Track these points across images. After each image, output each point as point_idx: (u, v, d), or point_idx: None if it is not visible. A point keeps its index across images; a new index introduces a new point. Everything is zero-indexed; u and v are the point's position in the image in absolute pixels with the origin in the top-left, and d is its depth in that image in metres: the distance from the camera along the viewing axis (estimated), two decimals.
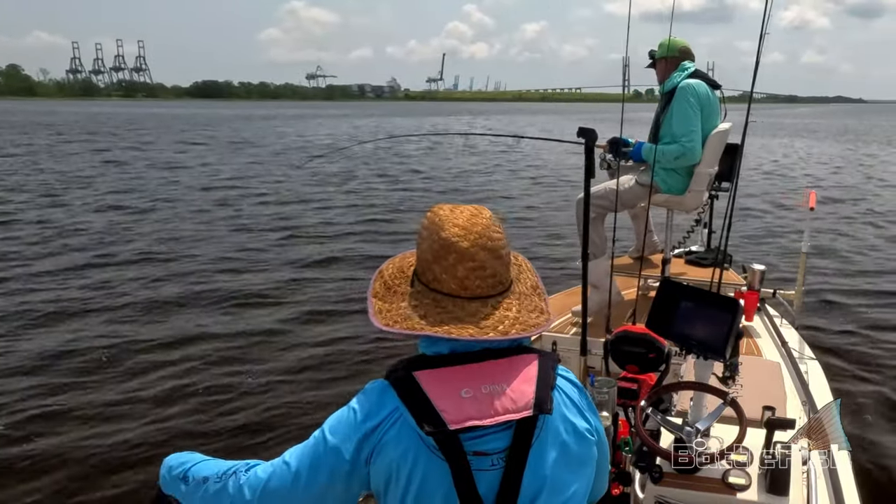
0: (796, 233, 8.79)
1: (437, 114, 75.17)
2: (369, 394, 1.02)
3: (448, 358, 1.01)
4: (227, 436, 3.73)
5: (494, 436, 0.97)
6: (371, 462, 0.98)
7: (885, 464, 3.41)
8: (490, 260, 1.03)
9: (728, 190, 3.23)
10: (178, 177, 15.50)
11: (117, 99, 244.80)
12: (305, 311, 5.93)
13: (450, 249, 1.02)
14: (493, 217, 1.07)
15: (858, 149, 26.15)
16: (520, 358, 1.02)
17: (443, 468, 0.95)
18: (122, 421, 3.87)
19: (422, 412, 0.94)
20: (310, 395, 4.25)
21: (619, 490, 1.76)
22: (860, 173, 17.61)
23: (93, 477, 3.32)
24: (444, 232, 1.03)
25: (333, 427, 1.02)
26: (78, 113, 64.72)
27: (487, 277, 1.03)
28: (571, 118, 58.07)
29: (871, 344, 5.14)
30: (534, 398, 0.97)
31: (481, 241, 1.02)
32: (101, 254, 7.93)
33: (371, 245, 8.65)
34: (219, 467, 1.10)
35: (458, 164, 19.36)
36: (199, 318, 5.67)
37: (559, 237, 9.00)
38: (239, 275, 7.11)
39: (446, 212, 1.06)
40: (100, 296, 6.25)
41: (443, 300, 1.03)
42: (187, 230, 9.39)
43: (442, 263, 1.03)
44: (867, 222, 10.48)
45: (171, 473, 1.16)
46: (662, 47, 3.42)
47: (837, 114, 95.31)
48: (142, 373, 4.53)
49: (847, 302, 6.21)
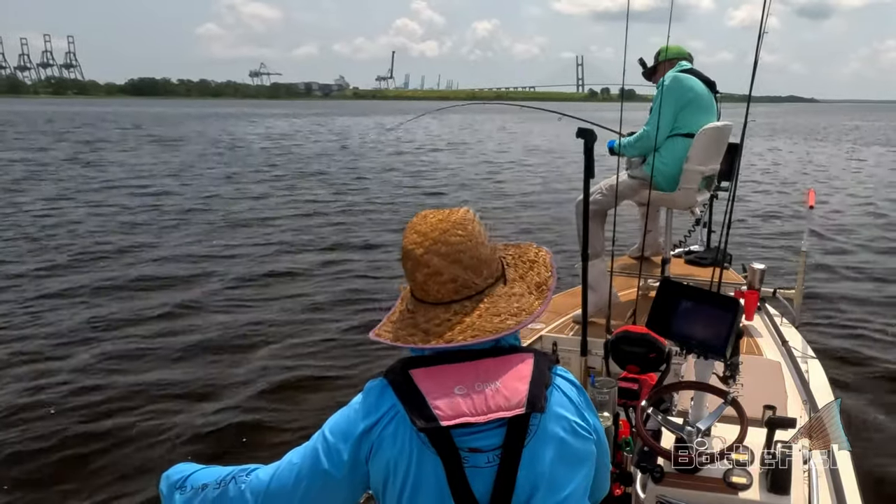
0: (796, 231, 8.80)
1: (400, 111, 72.96)
2: (367, 393, 1.04)
3: (438, 357, 1.02)
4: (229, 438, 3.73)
5: (488, 433, 0.98)
6: (370, 460, 0.99)
7: (887, 463, 3.41)
8: (445, 265, 1.03)
9: (727, 189, 3.23)
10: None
11: (46, 97, 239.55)
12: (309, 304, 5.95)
13: (407, 256, 1.06)
14: (460, 221, 1.06)
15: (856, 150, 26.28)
16: (515, 357, 1.03)
17: (437, 464, 0.96)
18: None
19: (416, 408, 0.95)
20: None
21: (620, 490, 1.76)
22: (860, 173, 17.65)
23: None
24: (405, 239, 1.07)
25: (333, 427, 1.03)
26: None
27: (446, 283, 1.04)
28: (532, 116, 56.36)
29: (872, 342, 5.14)
30: (527, 396, 0.98)
31: (435, 248, 1.03)
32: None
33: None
34: (217, 474, 1.10)
35: (455, 163, 19.43)
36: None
37: (559, 237, 9.00)
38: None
39: (418, 218, 1.09)
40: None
41: (416, 305, 1.08)
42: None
43: (405, 270, 1.07)
44: (868, 221, 10.49)
45: (168, 484, 1.14)
46: (662, 52, 3.52)
47: (795, 112, 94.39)
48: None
49: (848, 300, 6.21)
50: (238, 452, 3.57)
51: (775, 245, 8.60)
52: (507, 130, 39.65)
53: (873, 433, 3.73)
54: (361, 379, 3.29)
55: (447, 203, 11.66)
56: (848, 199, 12.69)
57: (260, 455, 3.45)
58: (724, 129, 3.36)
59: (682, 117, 3.30)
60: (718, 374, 1.76)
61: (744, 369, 2.18)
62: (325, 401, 4.14)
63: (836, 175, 17.06)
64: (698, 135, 3.23)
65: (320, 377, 4.55)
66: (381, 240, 8.92)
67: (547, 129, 36.35)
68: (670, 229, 3.63)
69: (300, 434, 3.58)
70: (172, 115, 61.67)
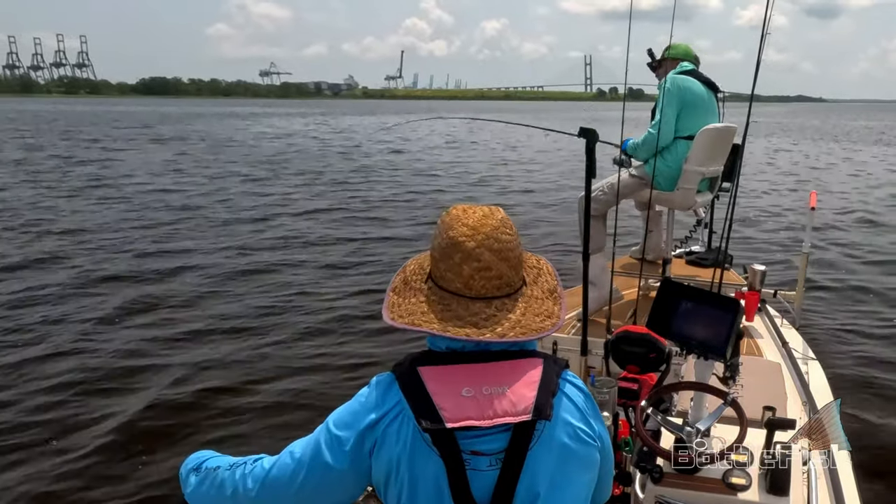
0: (798, 232, 8.80)
1: (405, 111, 73.74)
2: (374, 387, 1.04)
3: (451, 356, 1.01)
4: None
5: (492, 437, 0.97)
6: (373, 455, 0.99)
7: (887, 464, 3.40)
8: (496, 262, 1.03)
9: (729, 190, 3.23)
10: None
11: (58, 96, 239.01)
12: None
13: (456, 249, 1.03)
14: (505, 219, 1.07)
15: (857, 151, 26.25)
16: (525, 361, 1.02)
17: (438, 465, 0.96)
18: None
19: (421, 408, 0.95)
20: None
21: (619, 490, 1.76)
22: (859, 173, 17.62)
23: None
24: (452, 231, 1.04)
25: (338, 419, 1.03)
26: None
27: (493, 279, 1.03)
28: (539, 116, 57.24)
29: (872, 343, 5.14)
30: (534, 403, 0.97)
31: (488, 243, 1.03)
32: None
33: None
34: (229, 460, 1.14)
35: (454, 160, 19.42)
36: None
37: (559, 238, 8.99)
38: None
39: (458, 211, 1.06)
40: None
41: (448, 298, 1.04)
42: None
43: (448, 262, 1.04)
44: (869, 223, 10.47)
45: (186, 469, 1.19)
46: (667, 49, 3.53)
47: (803, 112, 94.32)
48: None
49: (848, 302, 6.21)
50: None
51: (776, 246, 8.59)
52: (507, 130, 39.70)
53: (873, 434, 3.72)
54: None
55: (447, 199, 11.68)
56: (850, 201, 12.65)
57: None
58: (726, 130, 3.36)
59: (682, 120, 3.31)
60: (718, 375, 1.76)
61: (744, 370, 2.18)
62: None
63: (837, 175, 17.03)
64: (698, 135, 3.24)
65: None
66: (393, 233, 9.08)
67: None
68: (671, 229, 3.63)
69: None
70: (190, 114, 61.86)
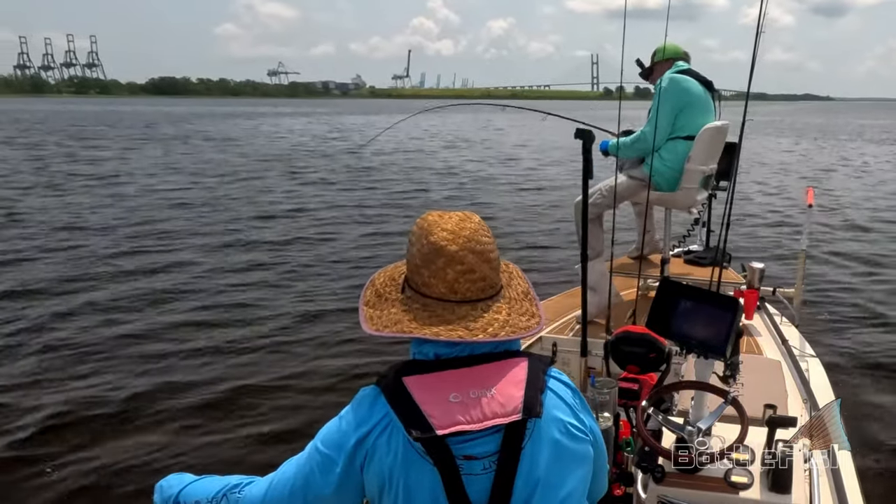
0: (796, 230, 8.80)
1: (409, 109, 74.00)
2: (360, 401, 1.03)
3: (435, 363, 1.01)
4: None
5: (483, 440, 0.97)
6: (364, 469, 0.98)
7: (887, 463, 3.40)
8: (479, 263, 1.03)
9: (726, 189, 3.24)
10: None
11: (68, 96, 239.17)
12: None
13: (439, 253, 1.02)
14: (481, 222, 1.08)
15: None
16: (509, 361, 1.02)
17: (433, 473, 0.95)
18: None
19: (410, 418, 0.94)
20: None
21: (621, 490, 1.76)
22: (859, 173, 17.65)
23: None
24: (432, 236, 1.03)
25: (325, 437, 1.02)
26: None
27: (477, 281, 1.04)
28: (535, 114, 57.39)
29: (873, 341, 5.14)
30: (522, 402, 0.97)
31: (469, 245, 1.03)
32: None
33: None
34: (211, 488, 1.10)
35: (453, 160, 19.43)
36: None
37: (558, 239, 9.00)
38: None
39: (435, 217, 1.07)
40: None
41: (432, 304, 1.04)
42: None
43: (431, 268, 1.03)
44: (868, 219, 10.49)
45: (161, 498, 1.15)
46: (659, 52, 3.49)
47: (809, 111, 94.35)
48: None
49: (848, 298, 6.21)
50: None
51: (774, 244, 8.60)
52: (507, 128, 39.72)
53: (874, 432, 3.72)
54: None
55: (441, 200, 11.69)
56: (848, 197, 12.68)
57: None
58: (723, 128, 3.37)
59: (680, 119, 3.30)
60: (718, 374, 1.76)
61: (744, 369, 2.18)
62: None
63: (836, 173, 17.06)
64: (700, 135, 3.24)
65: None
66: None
67: (545, 126, 36.51)
68: (669, 229, 3.63)
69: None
70: (203, 113, 61.89)
